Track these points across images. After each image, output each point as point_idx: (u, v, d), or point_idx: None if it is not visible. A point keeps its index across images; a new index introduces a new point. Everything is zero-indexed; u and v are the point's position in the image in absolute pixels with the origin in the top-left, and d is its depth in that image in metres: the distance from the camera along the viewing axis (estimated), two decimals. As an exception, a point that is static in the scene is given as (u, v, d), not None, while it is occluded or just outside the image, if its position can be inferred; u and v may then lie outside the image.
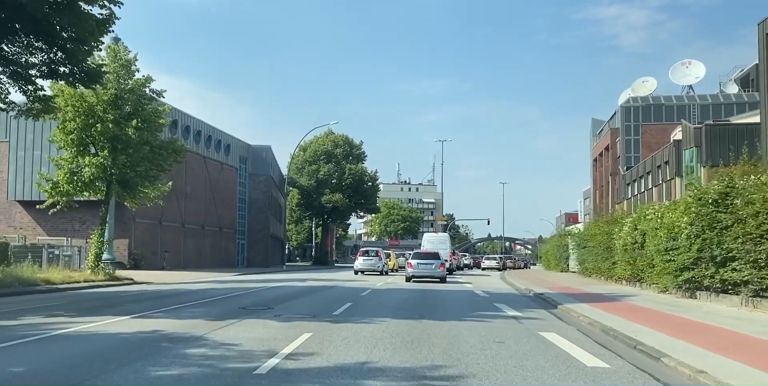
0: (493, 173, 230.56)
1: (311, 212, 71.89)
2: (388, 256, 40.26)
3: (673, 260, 15.59)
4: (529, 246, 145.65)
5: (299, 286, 22.01)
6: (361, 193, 69.06)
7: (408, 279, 26.74)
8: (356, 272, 35.40)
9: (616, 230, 22.56)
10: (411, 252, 31.02)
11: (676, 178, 43.89)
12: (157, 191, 27.23)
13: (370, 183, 70.70)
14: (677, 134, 53.97)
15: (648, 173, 51.17)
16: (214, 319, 10.68)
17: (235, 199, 53.62)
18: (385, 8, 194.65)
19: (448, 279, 27.83)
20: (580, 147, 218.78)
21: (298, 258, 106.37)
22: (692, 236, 14.49)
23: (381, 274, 35.01)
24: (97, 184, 24.91)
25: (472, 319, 11.45)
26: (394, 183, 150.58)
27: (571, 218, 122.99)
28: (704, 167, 39.05)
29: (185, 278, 28.48)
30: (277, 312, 11.98)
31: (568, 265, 39.19)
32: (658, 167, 49.21)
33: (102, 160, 23.79)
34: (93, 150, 24.70)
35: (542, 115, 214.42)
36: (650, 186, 50.02)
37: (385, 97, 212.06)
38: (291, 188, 71.07)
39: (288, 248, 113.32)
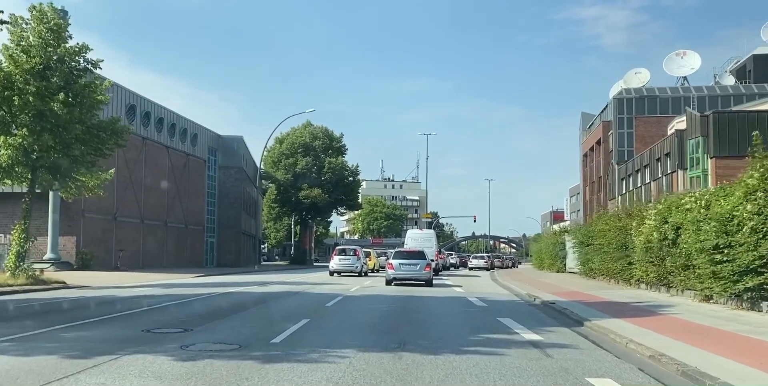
0: (477, 171, 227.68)
1: (288, 209, 67.78)
2: (367, 255, 36.48)
3: (728, 261, 12.04)
4: (514, 244, 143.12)
5: (256, 292, 18.17)
6: (342, 188, 65.12)
7: (388, 282, 23.02)
8: (332, 273, 31.61)
9: (634, 224, 19.02)
10: (392, 251, 27.25)
11: (679, 171, 40.72)
12: (96, 179, 23.14)
13: (351, 178, 66.82)
14: (675, 126, 50.89)
15: (646, 167, 48.00)
16: (79, 356, 6.85)
17: (203, 193, 49.51)
18: (369, 8, 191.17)
19: (434, 281, 24.16)
20: (563, 146, 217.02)
21: (277, 257, 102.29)
22: (760, 230, 10.95)
23: (359, 275, 31.27)
24: (17, 169, 20.87)
25: (476, 350, 7.74)
26: (377, 180, 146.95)
27: (557, 217, 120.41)
28: (711, 158, 35.92)
29: (134, 281, 24.68)
30: (189, 339, 8.18)
31: (564, 265, 35.73)
32: (658, 159, 46.01)
33: (20, 140, 19.73)
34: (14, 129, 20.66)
35: (525, 114, 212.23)
36: (648, 180, 46.89)
37: (368, 95, 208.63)
38: (270, 184, 67.07)
39: (266, 246, 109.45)
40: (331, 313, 12.09)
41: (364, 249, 36.39)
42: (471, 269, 53.18)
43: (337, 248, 33.46)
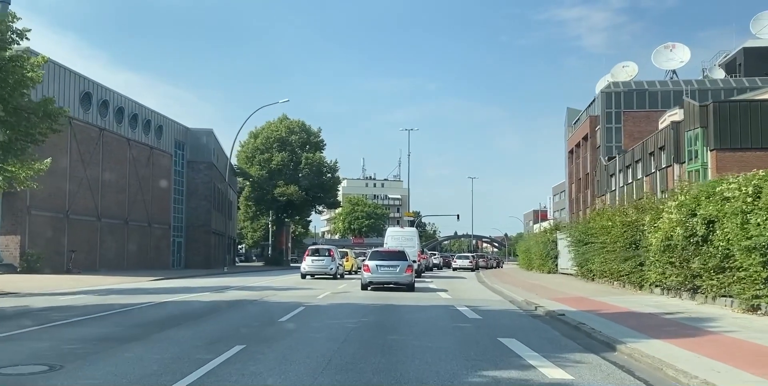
0: (460, 171, 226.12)
1: (263, 207, 64.51)
2: (344, 255, 33.53)
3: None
4: (496, 244, 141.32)
5: (202, 302, 15.15)
6: (320, 185, 62.05)
7: (364, 287, 20.14)
8: (303, 276, 28.60)
9: (648, 219, 16.38)
10: (369, 251, 24.25)
11: (675, 165, 38.43)
12: (29, 170, 19.99)
13: (329, 175, 63.75)
14: (667, 119, 48.79)
15: (638, 162, 45.74)
16: None
17: (169, 190, 46.15)
18: (351, 8, 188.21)
19: (416, 284, 21.35)
20: (545, 146, 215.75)
21: (254, 258, 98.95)
22: None
23: (334, 278, 28.32)
24: (-76, 157, 17.74)
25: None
26: (358, 179, 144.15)
27: (540, 215, 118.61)
28: (711, 150, 33.66)
29: (77, 286, 21.70)
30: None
31: (556, 265, 33.13)
32: (651, 153, 43.74)
33: (-73, 121, 16.61)
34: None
35: (506, 114, 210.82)
36: (640, 176, 44.61)
37: (351, 95, 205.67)
38: (247, 182, 63.83)
39: (244, 247, 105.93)
40: (280, 334, 9.15)
41: (340, 249, 33.48)
42: (455, 269, 50.62)
43: (310, 248, 30.36)
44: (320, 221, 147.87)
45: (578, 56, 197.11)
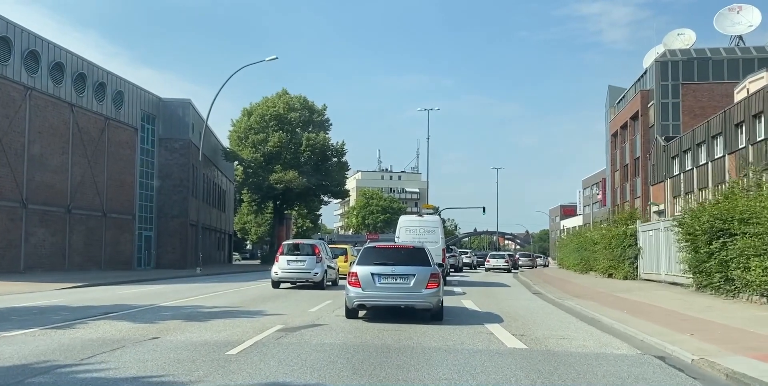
0: (478, 167, 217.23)
1: (258, 196, 55.52)
2: (340, 254, 24.28)
3: None
4: (519, 241, 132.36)
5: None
6: (324, 171, 52.91)
7: (351, 313, 11.10)
8: (275, 284, 19.54)
9: None
10: (361, 247, 14.47)
11: (781, 136, 28.80)
12: None
13: (335, 159, 54.58)
14: (748, 87, 39.06)
15: (715, 137, 36.04)
16: None
17: (133, 172, 37.43)
18: (369, 4, 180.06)
19: (445, 299, 12.16)
20: (565, 141, 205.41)
21: (258, 254, 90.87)
22: None
23: (318, 287, 19.16)
24: None
25: None
26: (374, 171, 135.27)
27: (567, 211, 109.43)
28: None
29: None
30: None
31: (635, 268, 23.74)
32: (738, 124, 33.85)
33: None
34: None
35: (525, 110, 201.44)
36: (720, 154, 34.92)
37: (367, 91, 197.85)
38: (240, 167, 55.09)
39: (249, 243, 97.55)
40: None
41: (331, 246, 24.40)
42: (488, 270, 41.78)
43: (285, 243, 20.74)
44: (333, 216, 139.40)
45: (599, 51, 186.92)
